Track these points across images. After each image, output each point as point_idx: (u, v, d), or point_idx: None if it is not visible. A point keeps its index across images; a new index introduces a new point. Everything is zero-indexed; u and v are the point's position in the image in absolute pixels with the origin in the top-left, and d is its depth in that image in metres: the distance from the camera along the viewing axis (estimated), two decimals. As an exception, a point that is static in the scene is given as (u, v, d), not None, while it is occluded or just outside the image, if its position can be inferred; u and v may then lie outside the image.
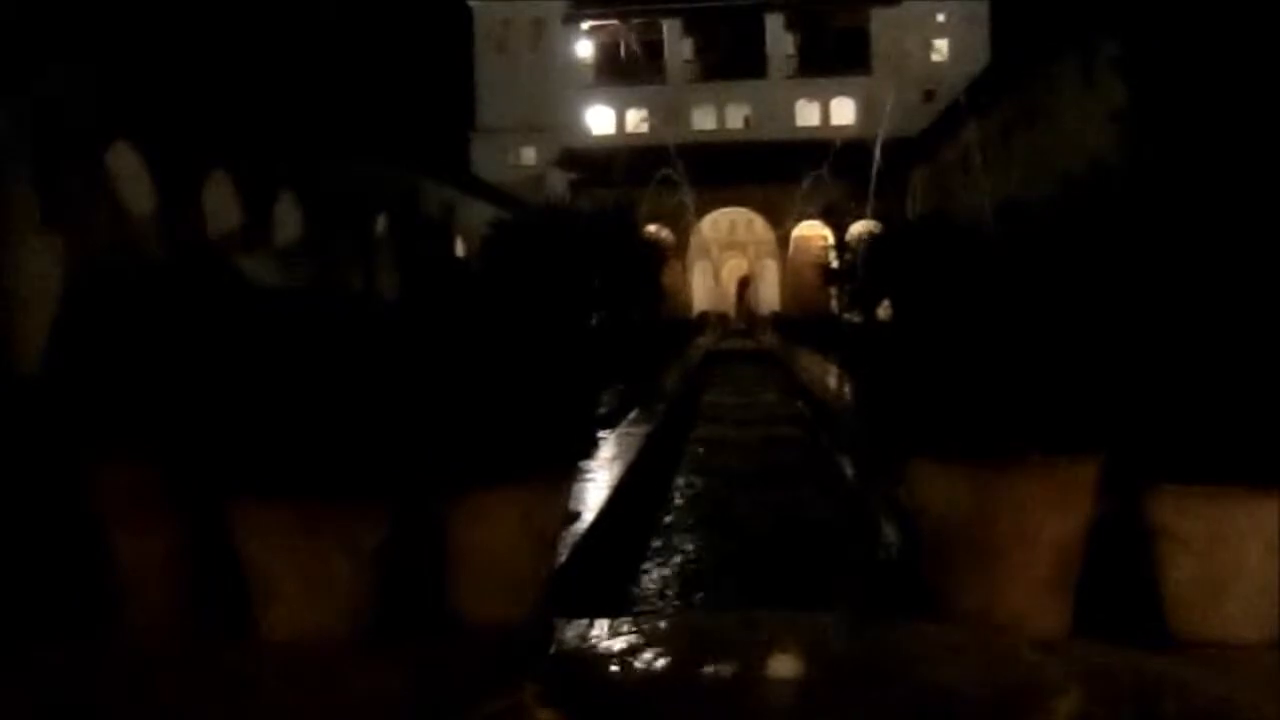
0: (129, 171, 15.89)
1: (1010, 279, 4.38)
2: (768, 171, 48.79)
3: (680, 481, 10.15)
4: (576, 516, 5.54)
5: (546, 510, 3.97)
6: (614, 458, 8.38)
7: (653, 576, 6.70)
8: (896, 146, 43.71)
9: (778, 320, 46.20)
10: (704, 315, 50.85)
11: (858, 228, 46.43)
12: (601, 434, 9.83)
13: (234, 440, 3.55)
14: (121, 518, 3.80)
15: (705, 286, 54.98)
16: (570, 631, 3.63)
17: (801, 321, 35.20)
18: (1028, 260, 4.67)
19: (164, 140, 16.13)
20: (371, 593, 3.64)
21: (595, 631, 3.56)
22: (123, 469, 3.73)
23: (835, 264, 39.29)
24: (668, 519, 8.41)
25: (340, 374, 3.63)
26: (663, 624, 3.59)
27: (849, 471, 9.69)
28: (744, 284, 54.99)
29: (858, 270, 28.27)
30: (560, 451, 4.04)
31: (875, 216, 45.47)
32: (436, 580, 3.76)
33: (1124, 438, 3.46)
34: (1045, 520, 3.42)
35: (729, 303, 54.23)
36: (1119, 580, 3.59)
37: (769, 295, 53.31)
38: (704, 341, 36.52)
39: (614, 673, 2.50)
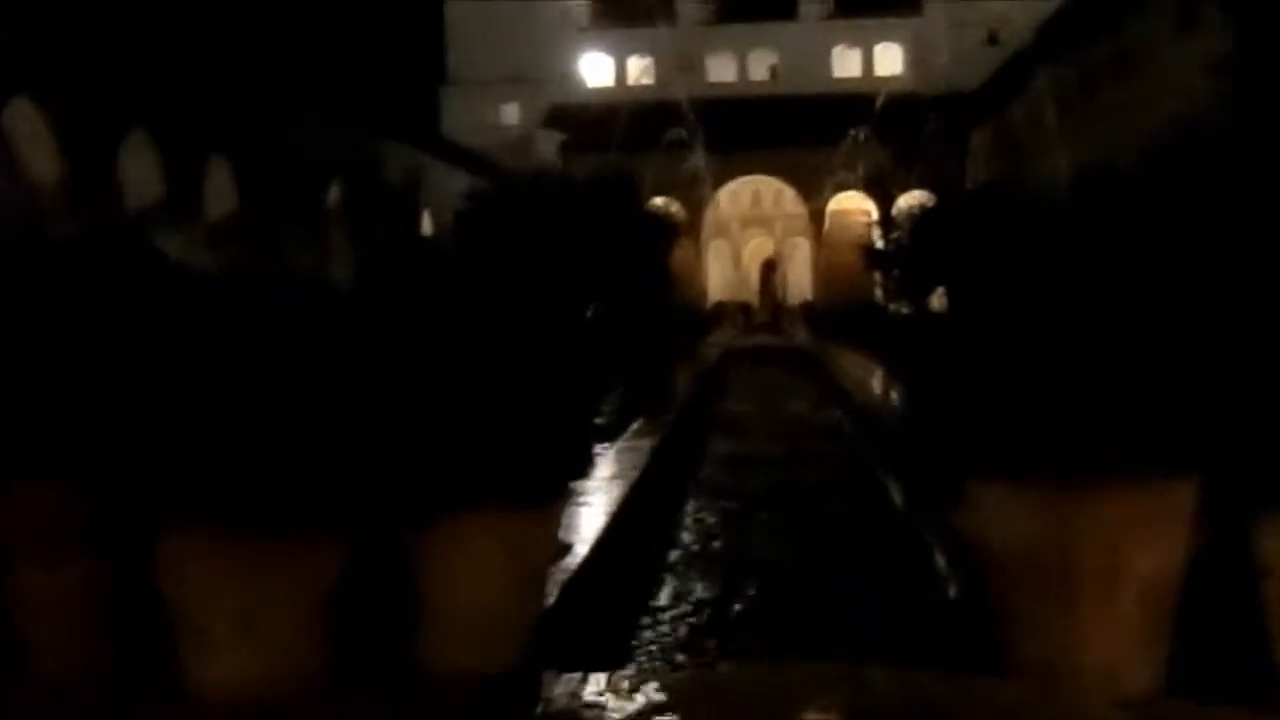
0: (29, 132, 15.89)
1: (1092, 263, 4.38)
2: (798, 133, 48.69)
3: (692, 507, 10.16)
4: (568, 549, 5.55)
5: (533, 540, 3.98)
6: (613, 477, 8.40)
7: (659, 621, 6.71)
8: (953, 102, 43.68)
9: (809, 311, 46.15)
10: (721, 306, 50.77)
11: (906, 200, 46.26)
12: (599, 448, 9.84)
13: (159, 457, 3.56)
14: (26, 548, 3.81)
15: (723, 271, 54.93)
16: (560, 687, 3.64)
17: (838, 313, 35.14)
18: (1113, 241, 4.67)
19: (71, 95, 16.13)
20: (324, 640, 3.64)
21: (591, 687, 3.57)
22: (27, 490, 3.73)
23: (879, 244, 39.13)
24: (674, 554, 8.42)
25: (286, 378, 3.63)
26: (672, 678, 3.61)
27: (896, 495, 9.69)
28: (769, 267, 54.86)
29: (906, 251, 28.06)
30: (549, 470, 4.05)
31: (928, 186, 45.32)
32: (402, 624, 3.77)
33: (1228, 455, 3.46)
34: (1134, 553, 3.42)
35: (751, 290, 54.11)
36: (1221, 627, 3.60)
37: (799, 281, 53.23)
38: (720, 338, 36.50)
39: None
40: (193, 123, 19.50)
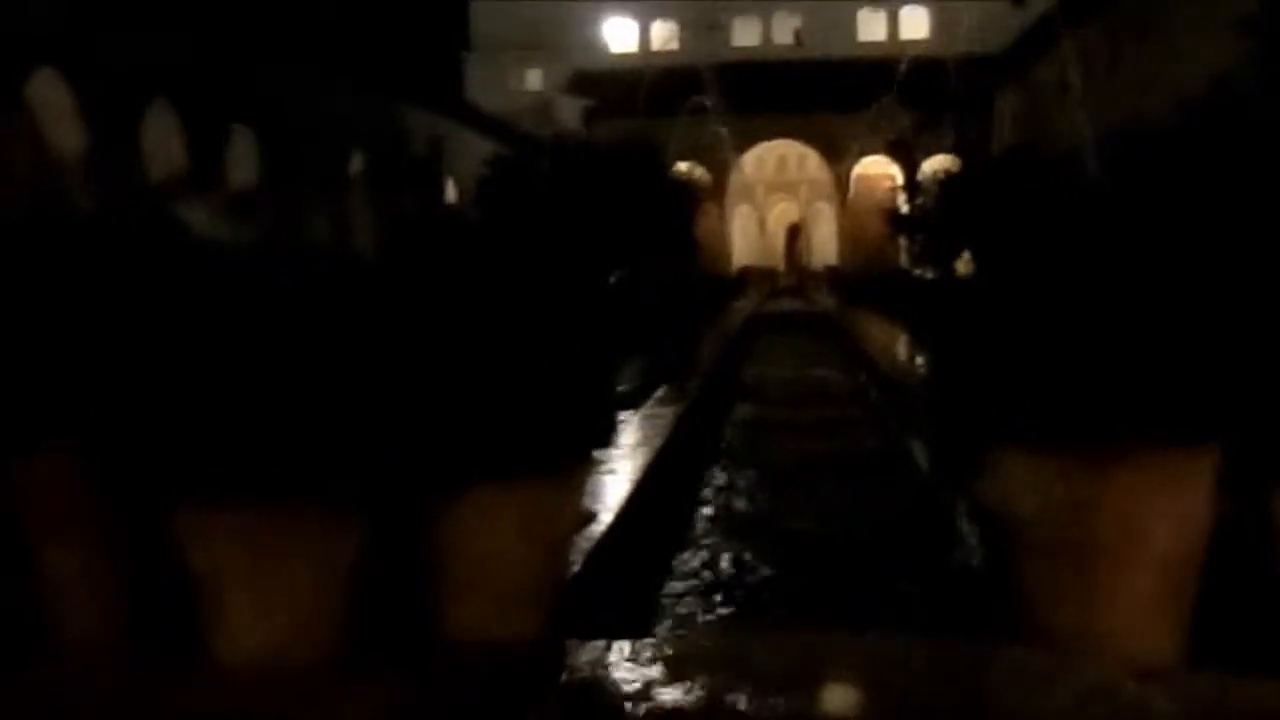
0: (54, 104, 15.92)
1: (1119, 229, 4.36)
2: (823, 97, 48.56)
3: (715, 474, 10.18)
4: (592, 517, 5.57)
5: (556, 510, 4.00)
6: (637, 445, 8.41)
7: (682, 590, 6.73)
8: (979, 65, 43.44)
9: (834, 276, 46.07)
10: (746, 271, 50.72)
11: (932, 164, 46.18)
12: (622, 416, 9.86)
13: (180, 432, 3.57)
14: (48, 524, 3.84)
15: (747, 236, 54.83)
16: (584, 656, 3.66)
17: (863, 279, 35.06)
18: (1140, 206, 4.64)
19: (95, 65, 16.16)
20: (345, 610, 3.67)
21: (613, 656, 3.59)
22: (48, 466, 3.76)
23: (905, 208, 38.99)
24: (698, 521, 8.44)
25: (307, 351, 3.64)
26: (695, 647, 3.62)
27: (922, 462, 9.70)
28: (794, 232, 54.78)
29: (931, 216, 27.98)
30: (572, 439, 4.06)
31: (954, 150, 45.28)
32: (424, 595, 3.79)
33: (1249, 424, 3.45)
34: (1155, 523, 3.41)
35: (776, 256, 54.05)
36: (1242, 597, 3.59)
37: (824, 246, 53.13)
38: (745, 305, 36.46)
39: (635, 706, 2.53)
40: (215, 90, 19.50)
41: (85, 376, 3.72)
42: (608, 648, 3.68)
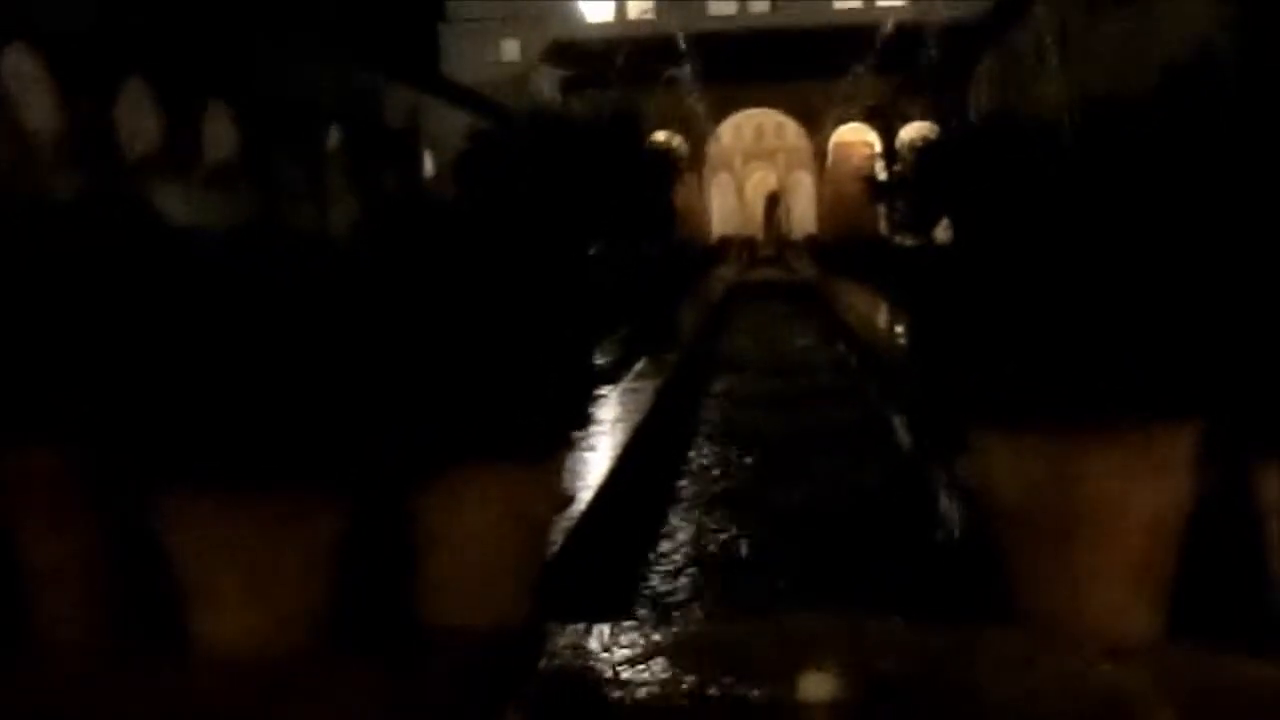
0: (29, 81, 15.79)
1: (1098, 196, 4.33)
2: (800, 65, 48.44)
3: (695, 449, 10.16)
4: (571, 500, 5.56)
5: (534, 494, 3.98)
6: (616, 420, 8.40)
7: (662, 572, 6.72)
8: (957, 32, 43.38)
9: (814, 245, 46.09)
10: (725, 241, 50.70)
11: (910, 132, 46.18)
12: (602, 390, 9.84)
13: (161, 418, 3.55)
14: (30, 510, 3.82)
15: (726, 205, 54.78)
16: (563, 640, 3.65)
17: (843, 246, 35.09)
18: (1119, 173, 4.62)
19: (69, 40, 16.01)
20: (327, 595, 3.66)
21: (594, 640, 3.58)
22: (30, 453, 3.74)
23: (883, 175, 38.93)
24: (679, 498, 8.43)
25: (288, 336, 3.62)
26: (675, 631, 3.62)
27: (903, 437, 9.68)
28: (773, 201, 54.64)
29: (909, 183, 27.94)
30: (551, 424, 4.04)
31: (932, 118, 45.23)
32: (405, 579, 3.78)
33: (1229, 398, 3.44)
34: (1137, 500, 3.41)
35: (755, 224, 53.96)
36: (1222, 573, 3.60)
37: (803, 215, 53.07)
38: (725, 273, 36.44)
39: (616, 691, 2.52)
40: (190, 65, 19.35)
41: (68, 367, 3.70)
42: (587, 631, 3.67)
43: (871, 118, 47.93)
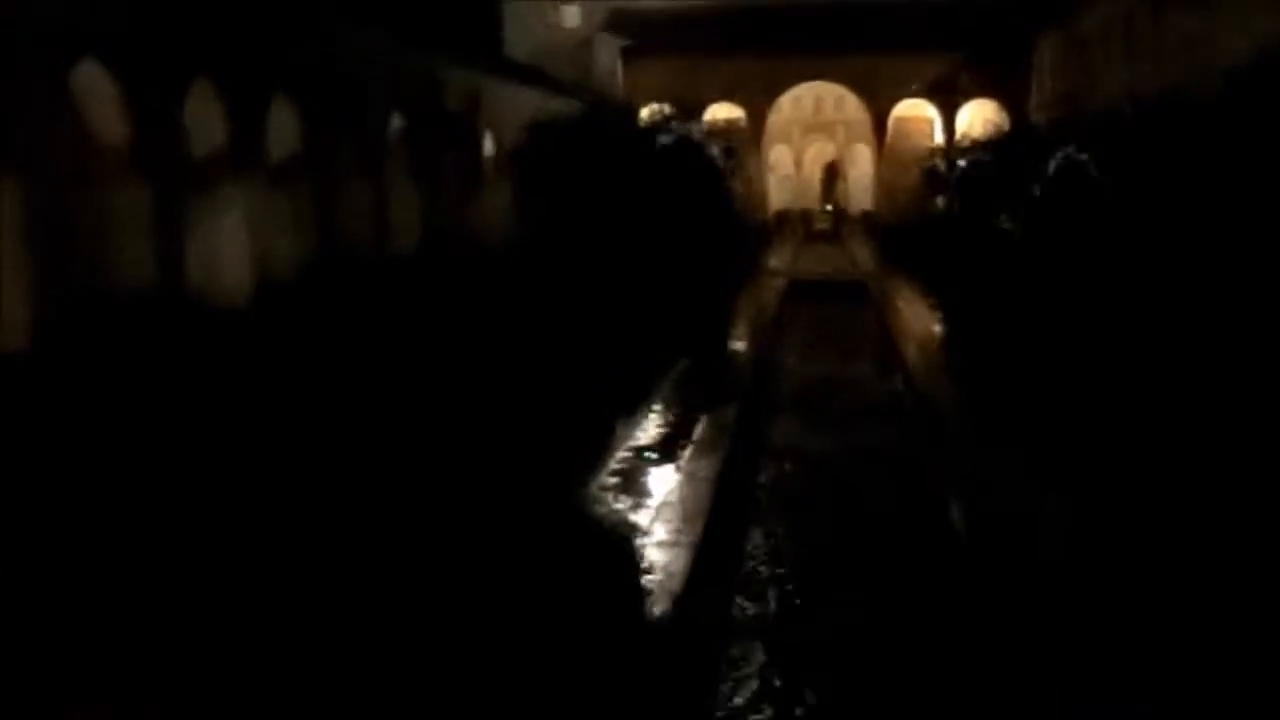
0: (99, 93, 15.96)
1: (1162, 207, 4.24)
2: (862, 38, 47.95)
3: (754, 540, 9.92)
4: None
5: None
6: (676, 529, 8.48)
7: None
8: (1020, 7, 42.90)
9: (870, 222, 45.94)
10: (782, 215, 50.56)
11: (969, 111, 46.03)
12: (662, 469, 9.92)
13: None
14: None
15: (784, 176, 54.40)
16: None
17: (902, 230, 34.80)
18: (1182, 179, 4.52)
19: (136, 51, 16.17)
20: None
21: None
22: None
23: (941, 166, 38.94)
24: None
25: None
26: None
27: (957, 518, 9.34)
28: (831, 171, 54.27)
29: (971, 182, 27.89)
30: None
31: (992, 95, 44.94)
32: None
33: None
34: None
35: (812, 197, 53.64)
36: None
37: (861, 188, 52.66)
38: (781, 259, 36.23)
39: None
40: (252, 57, 19.42)
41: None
42: None
43: (933, 93, 47.62)
